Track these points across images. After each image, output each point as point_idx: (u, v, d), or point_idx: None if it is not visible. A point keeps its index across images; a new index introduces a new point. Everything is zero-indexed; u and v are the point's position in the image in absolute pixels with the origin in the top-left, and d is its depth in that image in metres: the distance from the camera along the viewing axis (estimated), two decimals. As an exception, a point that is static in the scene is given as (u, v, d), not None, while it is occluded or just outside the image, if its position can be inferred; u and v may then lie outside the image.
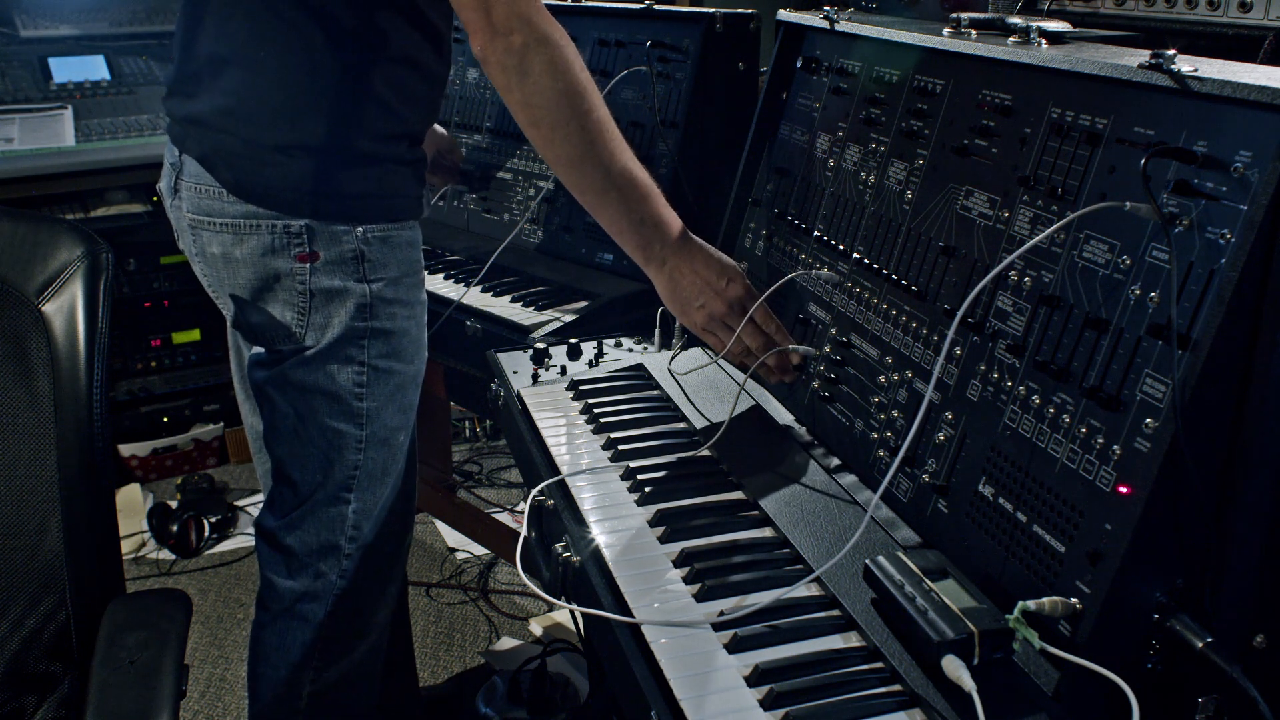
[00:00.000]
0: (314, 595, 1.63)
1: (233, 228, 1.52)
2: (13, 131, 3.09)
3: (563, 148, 1.44)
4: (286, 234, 1.50)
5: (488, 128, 2.48)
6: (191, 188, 1.54)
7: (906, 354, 1.36)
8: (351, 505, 1.61)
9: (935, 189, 1.38)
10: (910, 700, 1.00)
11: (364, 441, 1.59)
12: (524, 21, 1.38)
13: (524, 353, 1.81)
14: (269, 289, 1.53)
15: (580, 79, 1.42)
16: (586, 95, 1.43)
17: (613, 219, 1.50)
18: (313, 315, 1.53)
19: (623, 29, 2.22)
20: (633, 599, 1.15)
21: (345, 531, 1.62)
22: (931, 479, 1.25)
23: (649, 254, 1.53)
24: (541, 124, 1.43)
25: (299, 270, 1.51)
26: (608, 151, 1.45)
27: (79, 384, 1.39)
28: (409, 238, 1.60)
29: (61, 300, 1.40)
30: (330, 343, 1.54)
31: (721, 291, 1.54)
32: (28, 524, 1.38)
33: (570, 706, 2.40)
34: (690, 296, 1.54)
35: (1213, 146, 0.99)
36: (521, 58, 1.39)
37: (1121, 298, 1.06)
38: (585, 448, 1.51)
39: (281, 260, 1.51)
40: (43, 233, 1.44)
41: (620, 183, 1.46)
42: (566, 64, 1.41)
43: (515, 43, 1.38)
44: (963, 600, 1.03)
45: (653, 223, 1.50)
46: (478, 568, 3.10)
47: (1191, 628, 0.94)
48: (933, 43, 1.41)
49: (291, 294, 1.52)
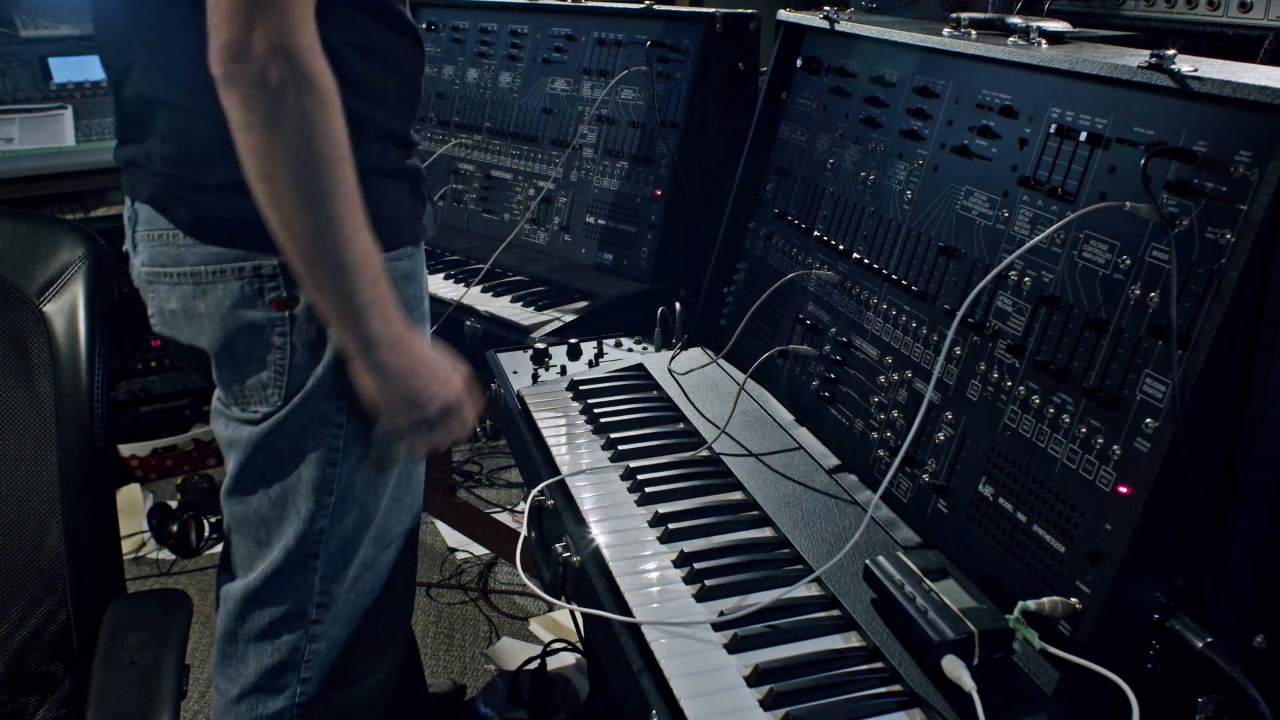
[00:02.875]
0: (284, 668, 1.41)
1: (193, 277, 1.30)
2: (13, 131, 3.09)
3: (297, 215, 1.16)
4: (258, 277, 1.28)
5: (487, 128, 2.48)
6: (145, 236, 1.33)
7: (906, 354, 1.36)
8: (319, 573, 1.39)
9: (935, 189, 1.38)
10: (910, 700, 1.00)
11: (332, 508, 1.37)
12: (291, 55, 1.10)
13: (524, 353, 1.81)
14: (242, 346, 1.31)
15: (341, 143, 1.15)
16: (343, 164, 1.16)
17: (334, 302, 1.22)
18: (293, 373, 1.31)
19: (623, 29, 2.22)
20: (633, 599, 1.15)
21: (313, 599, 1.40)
22: (931, 479, 1.25)
23: (367, 343, 1.24)
24: (279, 182, 1.14)
25: (278, 320, 1.29)
26: (350, 230, 1.18)
27: (80, 384, 1.39)
28: (407, 269, 1.37)
29: (63, 300, 1.40)
30: (304, 401, 1.32)
31: (437, 397, 1.31)
32: (29, 524, 1.38)
33: (570, 706, 2.40)
34: (402, 399, 1.29)
35: (1213, 146, 0.99)
36: (275, 99, 1.10)
37: (1121, 298, 1.06)
38: (585, 448, 1.51)
39: (255, 310, 1.29)
40: (43, 233, 1.44)
41: (356, 264, 1.19)
42: (329, 122, 1.14)
43: (271, 77, 1.09)
44: (963, 600, 1.03)
45: (380, 311, 1.23)
46: (478, 568, 3.10)
47: (1191, 628, 0.94)
48: (933, 43, 1.41)
49: (269, 350, 1.30)
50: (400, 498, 1.45)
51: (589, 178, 2.22)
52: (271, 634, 1.40)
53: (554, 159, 2.30)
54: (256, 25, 1.08)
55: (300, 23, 1.11)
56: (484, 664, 2.69)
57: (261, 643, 1.40)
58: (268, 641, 1.40)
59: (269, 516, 1.37)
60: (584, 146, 2.24)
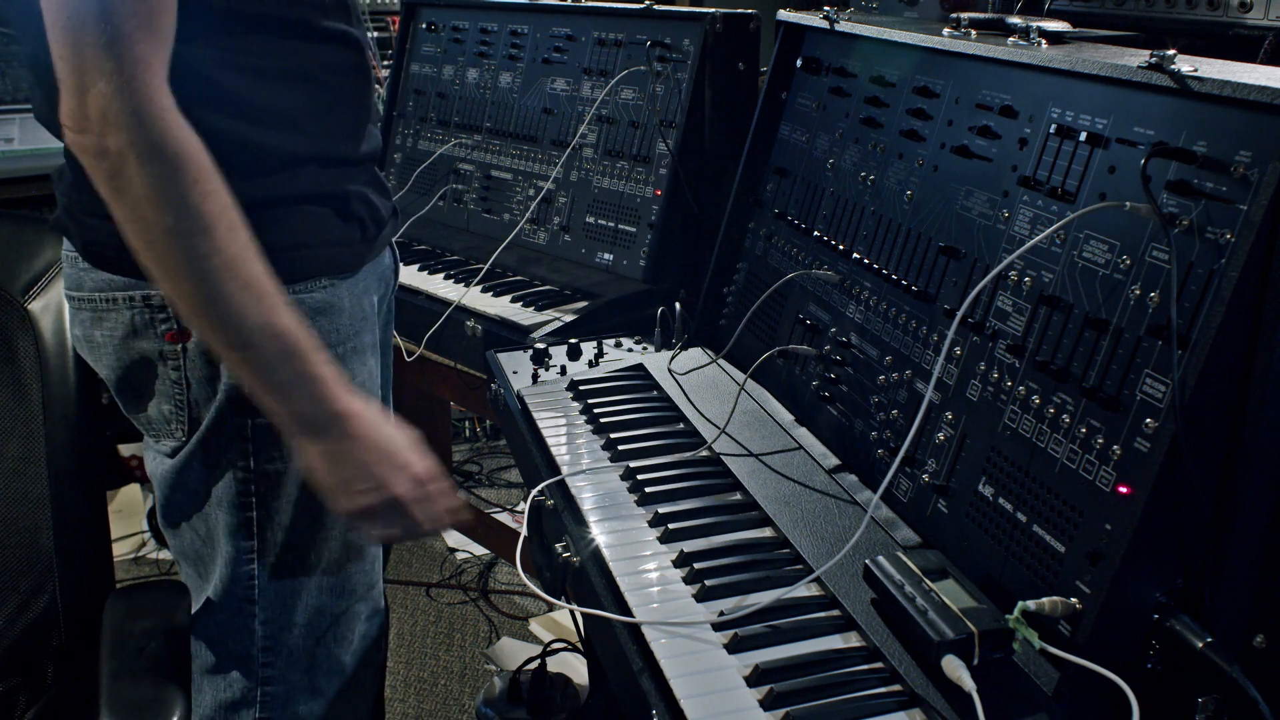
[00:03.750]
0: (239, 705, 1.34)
1: (89, 304, 1.23)
2: (13, 131, 3.09)
3: (172, 290, 1.07)
4: (148, 307, 1.19)
5: (487, 128, 2.48)
6: (63, 257, 1.28)
7: (906, 354, 1.36)
8: (258, 618, 1.31)
9: (935, 189, 1.38)
10: (910, 700, 1.00)
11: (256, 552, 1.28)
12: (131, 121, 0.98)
13: (524, 353, 1.81)
14: (138, 377, 1.24)
15: (201, 212, 1.03)
16: (208, 235, 1.03)
17: (252, 380, 1.13)
18: (192, 408, 1.23)
19: (623, 29, 2.22)
20: (633, 599, 1.15)
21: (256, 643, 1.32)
22: (931, 479, 1.25)
23: (301, 425, 1.14)
24: (144, 255, 1.05)
25: (169, 354, 1.21)
26: (236, 304, 1.06)
27: (68, 381, 1.39)
28: (320, 302, 1.24)
29: (48, 298, 1.40)
30: (205, 438, 1.24)
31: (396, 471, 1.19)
32: (20, 522, 1.38)
33: (570, 706, 2.40)
34: (351, 479, 1.17)
35: (1213, 146, 0.99)
36: (116, 171, 1.00)
37: (1121, 298, 1.06)
38: (585, 448, 1.51)
39: (146, 341, 1.21)
40: (27, 232, 1.44)
41: (255, 339, 1.08)
42: (185, 189, 1.01)
43: (109, 147, 0.98)
44: (963, 600, 1.03)
45: (305, 387, 1.12)
46: (478, 568, 3.10)
47: (1191, 628, 0.94)
48: (933, 43, 1.41)
49: (165, 382, 1.22)
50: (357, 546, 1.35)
51: (589, 178, 2.22)
52: (220, 669, 1.33)
53: (554, 159, 2.30)
54: (89, 89, 0.97)
55: (140, 84, 0.99)
56: (484, 664, 2.69)
57: (215, 676, 1.33)
58: (220, 676, 1.33)
59: (201, 552, 1.31)
60: (584, 146, 2.25)
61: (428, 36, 2.67)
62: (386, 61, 2.99)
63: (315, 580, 1.33)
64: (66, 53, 0.98)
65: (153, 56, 1.00)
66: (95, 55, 0.97)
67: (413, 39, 2.71)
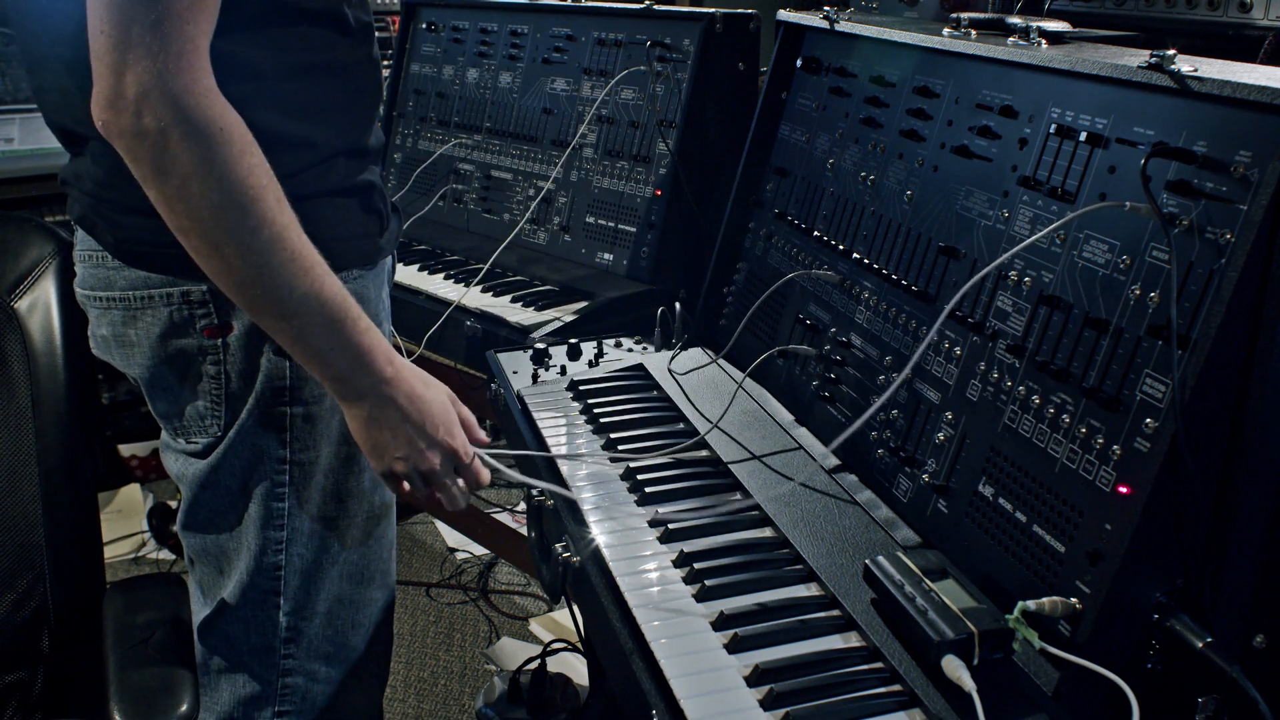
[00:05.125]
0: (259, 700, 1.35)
1: (122, 303, 1.23)
2: (13, 131, 3.09)
3: (219, 267, 1.08)
4: (186, 304, 1.21)
5: (487, 128, 2.48)
6: (79, 257, 1.27)
7: (907, 354, 1.36)
8: (283, 609, 1.33)
9: (935, 189, 1.38)
10: (910, 700, 1.00)
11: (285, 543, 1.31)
12: (169, 100, 0.98)
13: (524, 353, 1.81)
14: (175, 375, 1.24)
15: (251, 185, 1.04)
16: (256, 207, 1.05)
17: (294, 347, 1.15)
18: (230, 402, 1.25)
19: (623, 29, 2.22)
20: (633, 599, 1.15)
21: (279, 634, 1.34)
22: (931, 479, 1.25)
23: (343, 388, 1.19)
24: (190, 235, 1.06)
25: (210, 348, 1.23)
26: (285, 275, 1.09)
27: (57, 380, 1.39)
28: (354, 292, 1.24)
29: (35, 296, 1.40)
30: (241, 433, 1.25)
31: (431, 445, 1.23)
32: (11, 520, 1.38)
33: (570, 706, 2.40)
34: (388, 444, 1.22)
35: (1213, 146, 0.99)
36: (157, 149, 1.00)
37: (1121, 298, 1.06)
38: (585, 448, 1.51)
39: (186, 339, 1.22)
40: (11, 232, 1.44)
41: (301, 309, 1.11)
42: (228, 165, 1.03)
43: (147, 125, 0.98)
44: (963, 600, 1.03)
45: (348, 354, 1.16)
46: (478, 568, 3.10)
47: (1191, 628, 0.94)
48: (933, 43, 1.41)
49: (203, 379, 1.24)
50: (376, 531, 1.39)
51: (589, 178, 2.22)
52: (240, 666, 1.34)
53: (554, 159, 2.30)
54: (127, 69, 0.97)
55: (185, 65, 0.99)
56: (484, 664, 2.69)
57: (234, 674, 1.34)
58: (239, 673, 1.34)
59: (226, 547, 1.32)
60: (584, 146, 2.25)
61: (428, 36, 2.67)
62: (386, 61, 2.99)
63: (337, 568, 1.36)
64: (111, 29, 0.98)
65: (201, 38, 1.01)
66: (142, 34, 0.97)
67: (413, 39, 2.71)
